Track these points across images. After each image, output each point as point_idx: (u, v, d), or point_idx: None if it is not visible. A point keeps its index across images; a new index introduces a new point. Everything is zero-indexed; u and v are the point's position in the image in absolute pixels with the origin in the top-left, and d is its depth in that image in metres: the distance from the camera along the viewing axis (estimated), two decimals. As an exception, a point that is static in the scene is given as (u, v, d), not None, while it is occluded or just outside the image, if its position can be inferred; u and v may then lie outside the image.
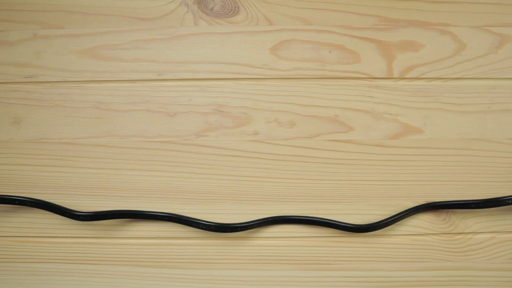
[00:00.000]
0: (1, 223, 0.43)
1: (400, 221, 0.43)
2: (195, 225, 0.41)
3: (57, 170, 0.42)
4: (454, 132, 0.44)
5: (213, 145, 0.43)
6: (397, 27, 0.43)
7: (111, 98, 0.43)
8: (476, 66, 0.44)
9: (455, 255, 0.44)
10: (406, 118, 0.43)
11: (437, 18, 0.44)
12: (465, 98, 0.44)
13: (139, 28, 0.43)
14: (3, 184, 0.43)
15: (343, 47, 0.43)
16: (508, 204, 0.43)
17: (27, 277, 0.43)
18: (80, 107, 0.43)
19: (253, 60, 0.42)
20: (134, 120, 0.43)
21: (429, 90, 0.44)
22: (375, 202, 0.43)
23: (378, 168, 0.43)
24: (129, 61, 0.43)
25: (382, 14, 0.43)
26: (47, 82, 0.42)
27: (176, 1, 0.43)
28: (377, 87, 0.43)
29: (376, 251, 0.44)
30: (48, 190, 0.42)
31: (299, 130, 0.43)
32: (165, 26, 0.43)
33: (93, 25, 0.43)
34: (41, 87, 0.42)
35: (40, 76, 0.42)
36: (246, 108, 0.43)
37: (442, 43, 0.44)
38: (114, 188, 0.44)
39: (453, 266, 0.44)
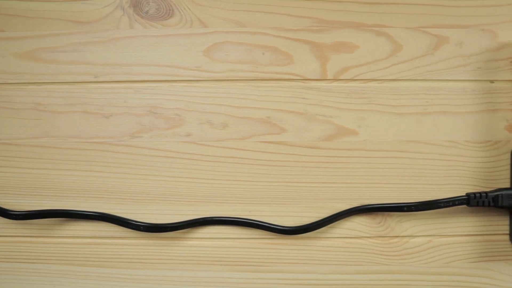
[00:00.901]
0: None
1: (335, 224, 0.41)
2: (126, 224, 0.41)
3: (-2, 170, 0.43)
4: (390, 134, 0.41)
5: (146, 146, 0.41)
6: (332, 28, 0.41)
7: (50, 99, 0.42)
8: (412, 67, 0.41)
9: (391, 259, 0.42)
10: (340, 119, 0.41)
11: (372, 19, 0.41)
12: (401, 99, 0.41)
13: (77, 31, 0.42)
14: None
15: (276, 48, 0.41)
16: (440, 207, 0.41)
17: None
18: (19, 109, 0.42)
19: (186, 62, 0.41)
20: (71, 121, 0.42)
21: (364, 92, 0.41)
22: (308, 204, 0.41)
23: (311, 170, 0.41)
24: (67, 64, 0.42)
25: (316, 15, 0.41)
26: (-12, 84, 0.42)
27: (113, 4, 0.42)
28: (310, 89, 0.41)
29: (310, 254, 0.41)
30: (-10, 189, 0.43)
31: (231, 131, 0.41)
32: (102, 29, 0.42)
33: (33, 28, 0.43)
34: (-17, 89, 0.42)
35: (-18, 79, 0.42)
36: (179, 109, 0.41)
37: (377, 44, 0.41)
38: (52, 188, 0.42)
39: (389, 270, 0.42)
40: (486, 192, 0.40)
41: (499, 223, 0.42)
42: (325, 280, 0.41)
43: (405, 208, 0.40)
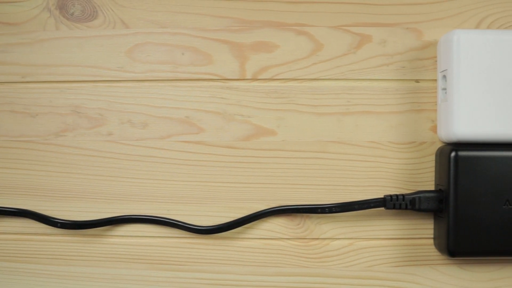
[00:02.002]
0: None
1: (254, 225, 0.38)
2: (45, 221, 0.39)
3: None
4: (310, 134, 0.38)
5: (70, 145, 0.39)
6: (251, 28, 0.38)
7: (-21, 99, 0.42)
8: (333, 66, 0.38)
9: (311, 261, 0.39)
10: (258, 119, 0.38)
11: (293, 18, 0.38)
12: (321, 99, 0.38)
13: (6, 32, 0.42)
14: None
15: (196, 49, 0.39)
16: (355, 209, 0.36)
17: None
18: (-48, 108, 0.42)
19: (109, 63, 0.39)
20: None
21: (283, 92, 0.38)
22: (226, 204, 0.39)
23: (229, 170, 0.39)
24: (-3, 64, 0.42)
25: (236, 15, 0.38)
26: None
27: (40, 6, 0.40)
28: (229, 89, 0.38)
29: (228, 254, 0.39)
30: None
31: (151, 131, 0.39)
32: (29, 31, 0.42)
33: (-34, 31, 0.43)
34: None
35: None
36: (102, 109, 0.39)
37: (297, 43, 0.38)
38: (-19, 185, 0.42)
39: (309, 273, 0.39)
40: (403, 195, 0.36)
41: (423, 226, 0.39)
42: (244, 281, 0.39)
43: (318, 210, 0.37)
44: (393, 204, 0.37)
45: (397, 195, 0.37)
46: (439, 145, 0.38)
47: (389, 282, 0.39)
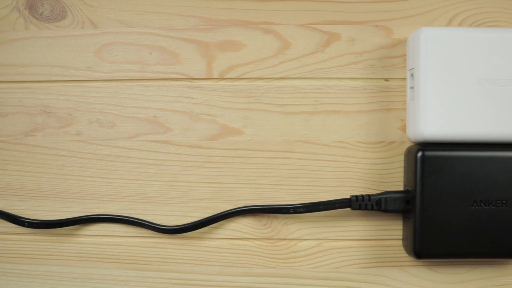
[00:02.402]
0: None
1: (221, 225, 0.38)
2: (13, 220, 0.39)
3: None
4: (277, 134, 0.37)
5: (40, 145, 0.38)
6: (219, 27, 0.37)
7: (-48, 99, 0.42)
8: (301, 65, 0.37)
9: (278, 262, 0.38)
10: (225, 119, 0.38)
11: (260, 17, 0.37)
12: (288, 98, 0.37)
13: None
14: None
15: (163, 48, 0.38)
16: (320, 210, 0.35)
17: None
18: None
19: (78, 62, 0.38)
20: (-28, 120, 0.42)
21: (250, 91, 0.37)
22: (193, 204, 0.38)
23: (196, 170, 0.38)
24: (-32, 65, 0.42)
25: (203, 14, 0.37)
26: None
27: (9, 6, 0.38)
28: (196, 88, 0.38)
29: (196, 254, 0.38)
30: None
31: (119, 130, 0.38)
32: None
33: None
34: None
35: None
36: (71, 109, 0.38)
37: (265, 42, 0.37)
38: (-47, 184, 0.40)
39: (276, 273, 0.38)
40: (369, 195, 0.35)
41: (392, 227, 0.37)
42: (211, 281, 0.39)
43: (283, 210, 0.36)
44: (359, 204, 0.36)
45: (362, 196, 0.36)
46: (408, 144, 0.37)
47: (357, 283, 0.38)
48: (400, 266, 0.38)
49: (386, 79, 0.37)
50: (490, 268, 0.38)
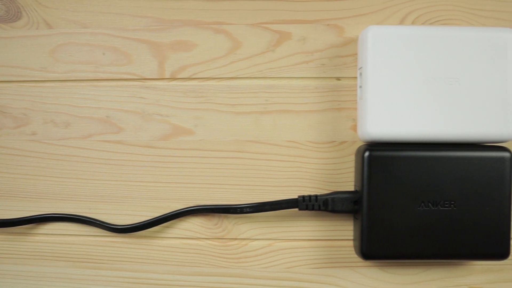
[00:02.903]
0: None
1: (172, 224, 0.37)
2: None
3: None
4: (227, 133, 0.37)
5: None
6: (170, 27, 0.37)
7: None
8: (252, 65, 0.37)
9: (229, 261, 0.37)
10: (176, 119, 0.37)
11: (211, 16, 0.37)
12: (239, 98, 0.37)
13: None
14: None
15: (116, 48, 0.37)
16: (267, 210, 0.34)
17: None
18: None
19: (33, 63, 0.38)
20: None
21: (201, 91, 0.37)
22: (146, 204, 0.37)
23: (148, 170, 0.37)
24: None
25: (155, 15, 0.37)
26: None
27: None
28: (148, 88, 0.37)
29: (148, 253, 0.38)
30: None
31: (73, 130, 0.38)
32: None
33: None
34: None
35: None
36: (26, 109, 0.38)
37: (216, 42, 0.37)
38: None
39: (227, 273, 0.37)
40: (316, 196, 0.34)
41: (344, 228, 0.36)
42: (163, 280, 0.37)
43: (231, 210, 0.35)
44: (306, 205, 0.35)
45: (309, 196, 0.35)
46: (359, 144, 0.37)
47: (308, 283, 0.38)
48: (351, 266, 0.37)
49: (338, 78, 0.37)
50: (443, 269, 0.37)
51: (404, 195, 0.33)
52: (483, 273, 0.37)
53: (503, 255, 0.34)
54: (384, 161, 0.33)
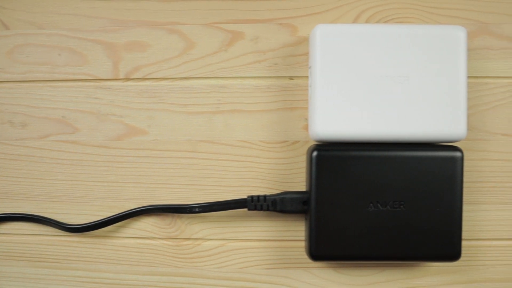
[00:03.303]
0: None
1: (127, 224, 0.37)
2: None
3: None
4: (180, 133, 0.36)
5: None
6: (125, 28, 0.36)
7: None
8: (204, 65, 0.36)
9: (183, 261, 0.37)
10: (130, 119, 0.37)
11: (165, 17, 0.36)
12: (192, 98, 0.36)
13: None
14: None
15: (72, 49, 0.37)
16: (216, 210, 0.34)
17: None
18: None
19: None
20: None
21: (154, 91, 0.36)
22: (101, 203, 0.37)
23: (103, 169, 0.37)
24: None
25: (110, 15, 0.37)
26: None
27: None
28: (102, 88, 0.37)
29: (103, 253, 0.37)
30: None
31: (30, 130, 0.37)
32: None
33: None
34: None
35: None
36: None
37: (169, 42, 0.36)
38: None
39: (181, 273, 0.37)
40: (265, 196, 0.34)
41: (296, 228, 0.36)
42: (118, 280, 0.37)
43: (181, 210, 0.34)
44: (254, 205, 0.35)
45: (258, 196, 0.35)
46: (312, 144, 0.36)
47: (261, 284, 0.37)
48: (305, 267, 0.36)
49: (291, 78, 0.36)
50: (398, 270, 0.36)
51: (353, 195, 0.33)
52: (439, 275, 0.36)
53: (454, 257, 0.33)
54: (332, 161, 0.33)
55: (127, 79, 0.36)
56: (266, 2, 0.36)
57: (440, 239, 0.33)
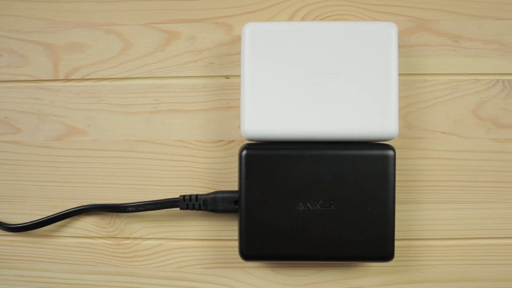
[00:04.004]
0: None
1: (67, 223, 0.37)
2: None
3: None
4: (119, 133, 0.36)
5: None
6: (64, 29, 0.36)
7: None
8: (142, 65, 0.36)
9: (122, 261, 0.37)
10: (70, 119, 0.37)
11: (103, 18, 0.36)
12: (130, 98, 0.36)
13: None
14: None
15: (13, 50, 0.37)
16: (149, 209, 0.34)
17: None
18: None
19: None
20: None
21: (93, 91, 0.36)
22: (42, 203, 0.37)
23: (44, 169, 0.37)
24: None
25: (50, 17, 0.37)
26: None
27: None
28: (43, 89, 0.37)
29: (45, 252, 0.37)
30: None
31: None
32: None
33: None
34: None
35: None
36: None
37: (108, 42, 0.36)
38: None
39: (120, 272, 0.37)
40: (197, 195, 0.33)
41: (232, 228, 0.36)
42: (60, 279, 0.37)
43: (116, 209, 0.35)
44: (186, 204, 0.35)
45: (190, 196, 0.35)
46: (248, 143, 0.36)
47: (199, 283, 0.37)
48: (242, 267, 0.36)
49: (227, 77, 0.36)
50: (336, 270, 0.36)
51: (282, 194, 0.32)
52: (379, 275, 0.35)
53: (387, 257, 0.32)
54: (262, 160, 0.32)
55: (67, 80, 0.36)
56: (202, 2, 0.35)
57: (372, 239, 0.32)
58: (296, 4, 0.35)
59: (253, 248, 0.32)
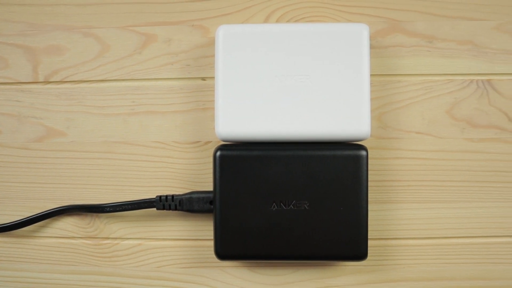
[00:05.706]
0: None
1: (48, 224, 0.37)
2: None
3: None
4: (97, 135, 0.37)
5: None
6: (43, 32, 0.37)
7: None
8: (119, 67, 0.36)
9: (102, 260, 0.37)
10: (50, 121, 0.37)
11: (81, 21, 0.37)
12: (108, 100, 0.36)
13: None
14: None
15: None
16: (126, 209, 0.34)
17: None
18: None
19: None
20: None
21: (72, 93, 0.37)
22: (23, 204, 0.37)
23: (24, 171, 0.37)
24: None
25: (29, 20, 0.37)
26: None
27: None
28: (23, 91, 0.37)
29: (26, 252, 0.38)
30: None
31: None
32: None
33: None
34: None
35: None
36: None
37: (85, 45, 0.37)
38: None
39: (100, 272, 0.37)
40: (173, 196, 0.34)
41: (210, 228, 0.37)
42: (40, 279, 0.38)
43: (94, 209, 0.35)
44: (163, 204, 0.35)
45: (166, 196, 0.35)
46: (224, 144, 0.36)
47: (178, 283, 0.37)
48: (220, 266, 0.36)
49: (203, 79, 0.36)
50: (313, 270, 0.36)
51: (256, 195, 0.32)
52: (355, 274, 0.35)
53: (360, 257, 0.33)
54: (236, 160, 0.32)
55: (47, 82, 0.37)
56: (179, 4, 0.36)
57: (345, 238, 0.32)
58: (271, 6, 0.35)
59: (228, 248, 0.33)
